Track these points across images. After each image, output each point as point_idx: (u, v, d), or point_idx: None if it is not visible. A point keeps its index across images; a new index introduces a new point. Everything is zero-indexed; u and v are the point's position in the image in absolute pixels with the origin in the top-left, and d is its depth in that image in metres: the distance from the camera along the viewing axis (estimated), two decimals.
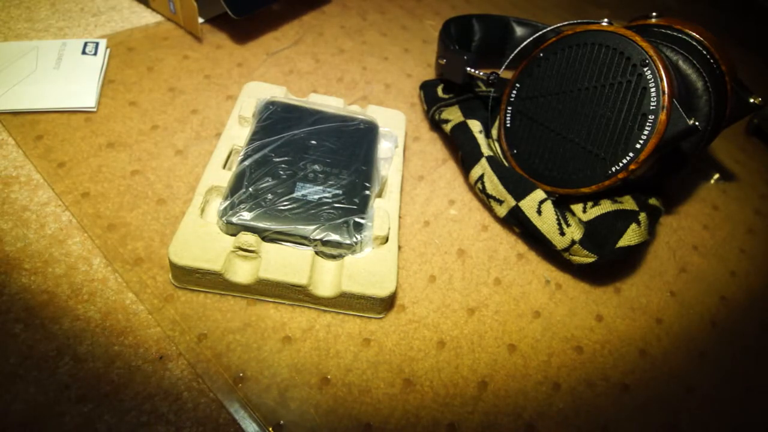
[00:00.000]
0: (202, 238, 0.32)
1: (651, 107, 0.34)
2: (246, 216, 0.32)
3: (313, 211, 0.34)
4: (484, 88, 0.47)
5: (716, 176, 0.54)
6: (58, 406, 0.28)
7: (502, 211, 0.40)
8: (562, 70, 0.38)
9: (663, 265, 0.43)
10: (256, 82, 0.43)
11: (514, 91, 0.41)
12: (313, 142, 0.38)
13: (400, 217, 0.40)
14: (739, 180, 0.54)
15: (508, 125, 0.42)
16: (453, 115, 0.44)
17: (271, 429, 0.29)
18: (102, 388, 0.29)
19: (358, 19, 0.58)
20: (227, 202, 0.33)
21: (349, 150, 0.38)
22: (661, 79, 0.34)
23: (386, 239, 0.34)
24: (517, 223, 0.40)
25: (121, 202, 0.37)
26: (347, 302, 0.33)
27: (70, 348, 0.30)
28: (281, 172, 0.35)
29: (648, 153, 0.34)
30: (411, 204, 0.42)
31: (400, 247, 0.39)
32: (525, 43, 0.42)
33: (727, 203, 0.51)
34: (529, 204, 0.38)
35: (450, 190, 0.44)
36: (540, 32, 0.43)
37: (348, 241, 0.33)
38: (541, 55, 0.39)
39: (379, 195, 0.38)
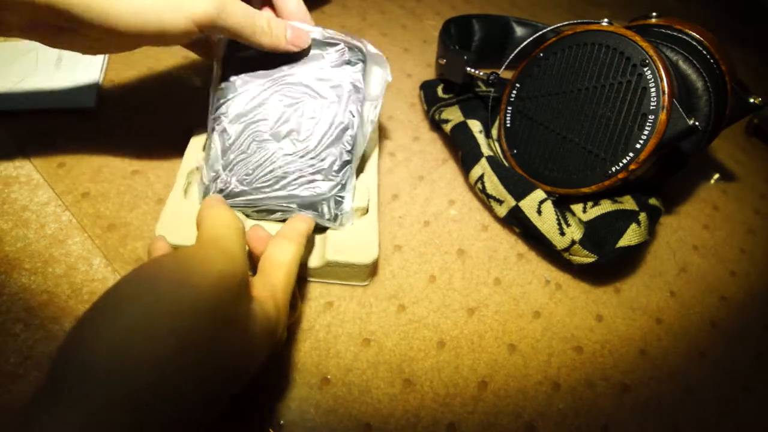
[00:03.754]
0: (187, 217, 0.32)
1: (651, 107, 0.34)
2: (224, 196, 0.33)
3: (293, 187, 0.33)
4: (484, 88, 0.47)
5: (716, 176, 0.54)
6: None
7: (502, 211, 0.40)
8: (562, 70, 0.38)
9: (663, 265, 0.43)
10: None
11: (514, 91, 0.41)
12: (289, 94, 0.34)
13: (399, 217, 0.40)
14: (739, 180, 0.54)
15: (508, 125, 0.42)
16: (453, 115, 0.44)
17: (271, 429, 0.29)
18: None
19: (358, 19, 0.58)
20: (205, 183, 0.33)
21: (330, 105, 0.34)
22: (661, 79, 0.34)
23: (366, 210, 0.36)
24: (517, 223, 0.40)
25: (121, 202, 0.37)
26: (333, 271, 0.34)
27: None
28: (257, 137, 0.33)
29: (648, 153, 0.34)
30: (411, 204, 0.42)
31: (400, 247, 0.39)
32: (525, 43, 0.42)
33: (727, 203, 0.51)
34: (529, 204, 0.38)
35: (450, 190, 0.44)
36: (540, 32, 0.43)
37: (328, 217, 0.33)
38: (541, 55, 0.39)
39: (362, 166, 0.38)
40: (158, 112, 0.43)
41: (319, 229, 0.34)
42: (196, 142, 0.38)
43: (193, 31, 0.29)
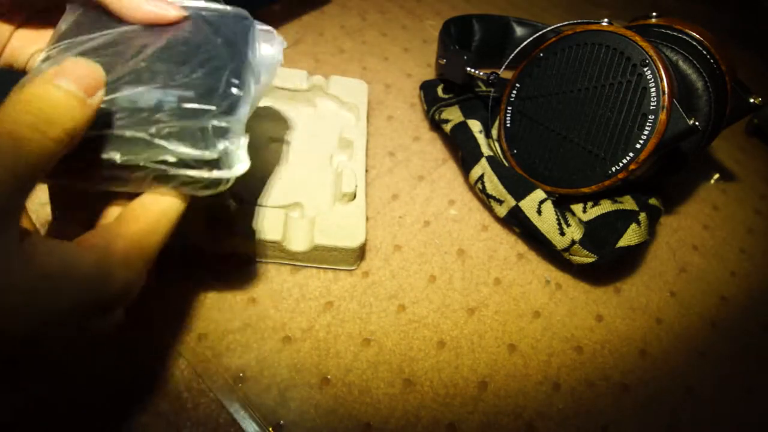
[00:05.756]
0: None
1: (651, 107, 0.34)
2: None
3: (148, 122, 0.22)
4: (484, 88, 0.47)
5: (716, 176, 0.54)
6: None
7: (502, 211, 0.40)
8: (562, 70, 0.38)
9: (663, 265, 0.43)
10: None
11: (514, 91, 0.41)
12: (149, 38, 0.25)
13: (399, 217, 0.40)
14: (739, 180, 0.54)
15: (508, 125, 0.42)
16: (453, 115, 0.44)
17: (271, 429, 0.29)
18: None
19: (358, 19, 0.58)
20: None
21: (204, 45, 0.25)
22: (661, 79, 0.34)
23: (354, 196, 0.37)
24: (517, 223, 0.40)
25: None
26: (321, 256, 0.35)
27: None
28: (120, 39, 0.24)
29: (648, 153, 0.34)
30: (411, 204, 0.42)
31: (400, 247, 0.39)
32: (525, 43, 0.42)
33: (727, 203, 0.51)
34: (529, 204, 0.38)
35: (450, 190, 0.44)
36: (540, 32, 0.43)
37: (205, 152, 0.22)
38: (541, 55, 0.39)
39: (348, 152, 0.34)
40: None
41: (202, 186, 0.23)
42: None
43: None
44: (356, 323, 0.34)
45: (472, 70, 0.42)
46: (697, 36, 0.40)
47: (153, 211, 0.22)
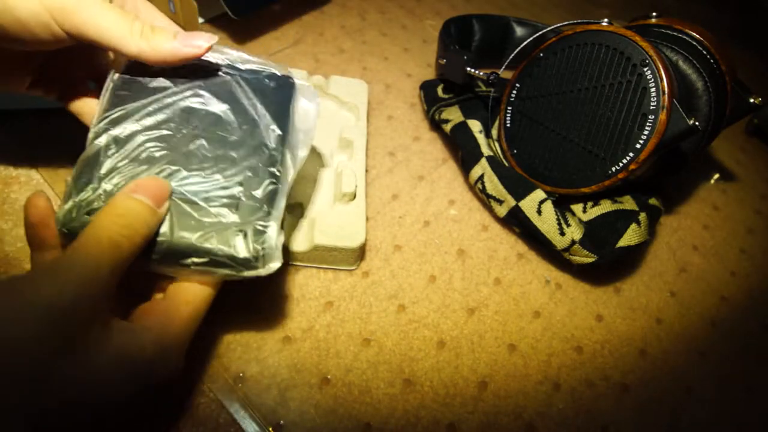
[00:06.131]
0: None
1: (651, 107, 0.34)
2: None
3: (195, 216, 0.25)
4: (484, 88, 0.47)
5: (716, 176, 0.54)
6: None
7: (502, 211, 0.40)
8: (562, 70, 0.38)
9: (663, 265, 0.43)
10: None
11: (514, 91, 0.41)
12: (198, 105, 0.27)
13: (399, 217, 0.40)
14: (739, 180, 0.54)
15: (508, 125, 0.42)
16: (453, 115, 0.44)
17: (271, 429, 0.29)
18: None
19: (358, 19, 0.58)
20: (69, 203, 0.24)
21: (250, 119, 0.27)
22: (661, 79, 0.34)
23: (354, 196, 0.36)
24: (517, 223, 0.40)
25: None
26: (320, 256, 0.35)
27: None
28: (151, 153, 0.25)
29: (648, 153, 0.34)
30: (411, 204, 0.42)
31: (400, 247, 0.39)
32: (525, 43, 0.42)
33: (727, 203, 0.51)
34: (529, 204, 0.38)
35: (450, 190, 0.44)
36: (540, 32, 0.43)
37: (245, 255, 0.24)
38: (541, 55, 0.39)
39: (349, 153, 0.34)
40: None
41: (232, 274, 0.25)
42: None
43: (48, 24, 0.24)
44: (356, 323, 0.34)
45: (472, 70, 0.42)
46: (697, 36, 0.40)
47: (198, 297, 0.25)
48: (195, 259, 0.24)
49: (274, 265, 0.25)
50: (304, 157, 0.29)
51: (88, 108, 0.31)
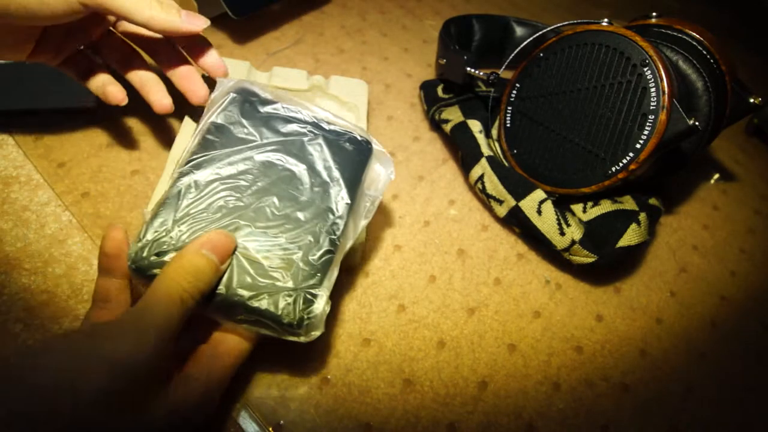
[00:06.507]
0: None
1: (651, 107, 0.34)
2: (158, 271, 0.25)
3: (253, 274, 0.26)
4: (484, 88, 0.47)
5: (716, 176, 0.54)
6: None
7: (502, 211, 0.40)
8: (562, 70, 0.38)
9: (663, 265, 0.43)
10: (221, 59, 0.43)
11: (514, 91, 0.41)
12: (277, 161, 0.29)
13: (399, 217, 0.41)
14: (739, 180, 0.54)
15: (508, 125, 0.42)
16: (453, 115, 0.44)
17: (271, 429, 0.29)
18: None
19: (358, 19, 0.58)
20: (141, 242, 0.26)
21: (322, 181, 0.29)
22: (661, 79, 0.34)
23: None
24: (517, 223, 0.40)
25: (121, 202, 0.37)
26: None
27: None
28: (225, 203, 0.27)
29: (648, 153, 0.34)
30: (411, 204, 0.42)
31: (400, 247, 0.39)
32: (525, 43, 0.42)
33: (727, 203, 0.51)
34: (529, 204, 0.38)
35: (450, 190, 0.44)
36: (540, 32, 0.43)
37: (288, 320, 0.25)
38: (541, 55, 0.39)
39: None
40: None
41: (272, 333, 0.26)
42: (187, 126, 0.37)
43: (72, 3, 0.26)
44: (356, 323, 0.34)
45: (472, 70, 0.42)
46: (697, 36, 0.40)
47: (238, 349, 0.27)
48: (244, 316, 0.26)
49: (316, 334, 0.26)
50: (364, 226, 0.30)
51: (84, 67, 0.34)
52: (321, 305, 0.26)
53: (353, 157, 0.30)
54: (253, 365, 0.31)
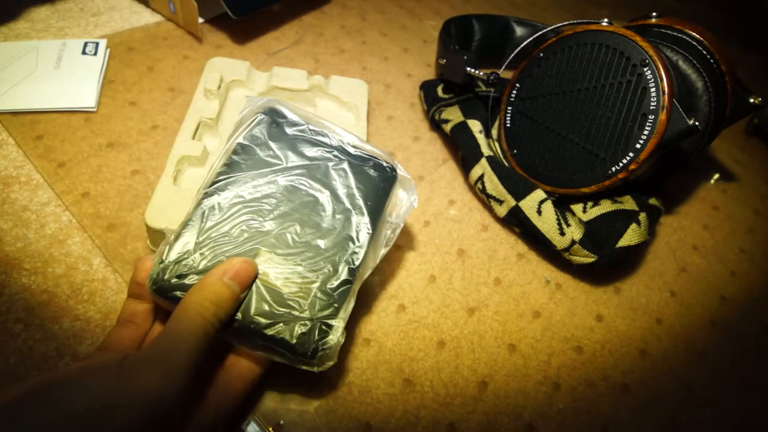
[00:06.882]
0: (176, 203, 0.33)
1: (651, 107, 0.34)
2: (180, 294, 0.25)
3: (270, 301, 0.26)
4: (484, 88, 0.47)
5: (716, 176, 0.54)
6: None
7: (502, 211, 0.40)
8: (562, 70, 0.38)
9: (663, 265, 0.43)
10: (221, 58, 0.44)
11: (514, 91, 0.41)
12: (301, 186, 0.29)
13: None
14: (739, 180, 0.54)
15: (508, 125, 0.42)
16: (453, 115, 0.44)
17: (271, 429, 0.29)
18: None
19: (358, 19, 0.58)
20: (162, 264, 0.26)
21: (345, 209, 0.29)
22: (661, 79, 0.34)
23: None
24: (517, 223, 0.40)
25: (121, 202, 0.37)
26: None
27: (70, 348, 0.30)
28: (247, 227, 0.27)
29: (648, 153, 0.34)
30: None
31: (400, 247, 0.39)
32: (525, 43, 0.42)
33: (727, 203, 0.51)
34: (529, 204, 0.38)
35: (450, 190, 0.44)
36: (540, 32, 0.43)
37: (302, 350, 0.25)
38: (541, 55, 0.39)
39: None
40: (158, 113, 0.43)
41: (286, 360, 0.26)
42: (186, 128, 0.37)
43: None
44: (356, 323, 0.34)
45: (472, 70, 0.42)
46: (697, 36, 0.40)
47: (250, 374, 0.27)
48: (259, 343, 0.26)
49: (329, 364, 0.26)
50: (383, 255, 0.29)
51: None
52: (336, 336, 0.26)
53: (377, 183, 0.30)
54: None
